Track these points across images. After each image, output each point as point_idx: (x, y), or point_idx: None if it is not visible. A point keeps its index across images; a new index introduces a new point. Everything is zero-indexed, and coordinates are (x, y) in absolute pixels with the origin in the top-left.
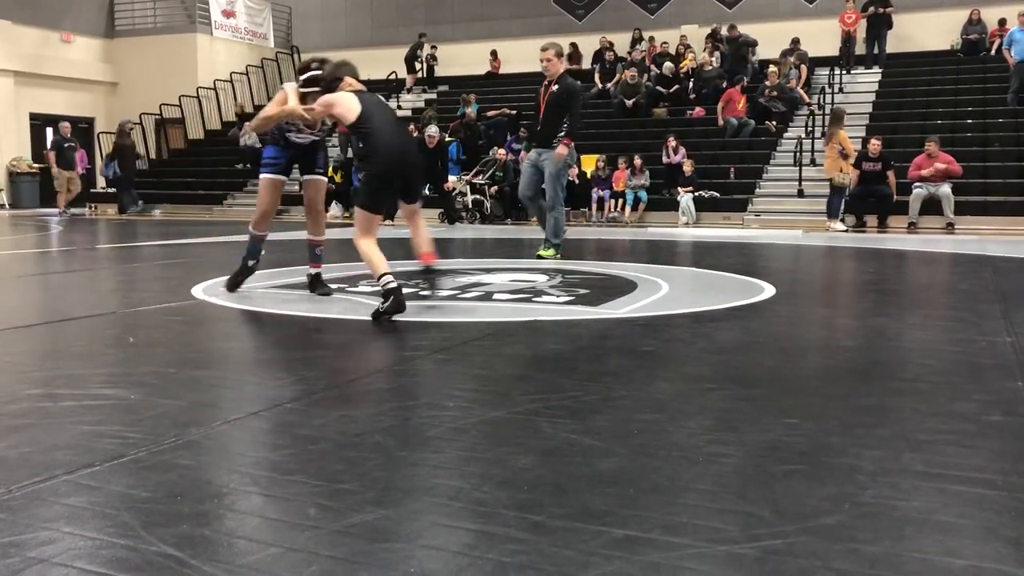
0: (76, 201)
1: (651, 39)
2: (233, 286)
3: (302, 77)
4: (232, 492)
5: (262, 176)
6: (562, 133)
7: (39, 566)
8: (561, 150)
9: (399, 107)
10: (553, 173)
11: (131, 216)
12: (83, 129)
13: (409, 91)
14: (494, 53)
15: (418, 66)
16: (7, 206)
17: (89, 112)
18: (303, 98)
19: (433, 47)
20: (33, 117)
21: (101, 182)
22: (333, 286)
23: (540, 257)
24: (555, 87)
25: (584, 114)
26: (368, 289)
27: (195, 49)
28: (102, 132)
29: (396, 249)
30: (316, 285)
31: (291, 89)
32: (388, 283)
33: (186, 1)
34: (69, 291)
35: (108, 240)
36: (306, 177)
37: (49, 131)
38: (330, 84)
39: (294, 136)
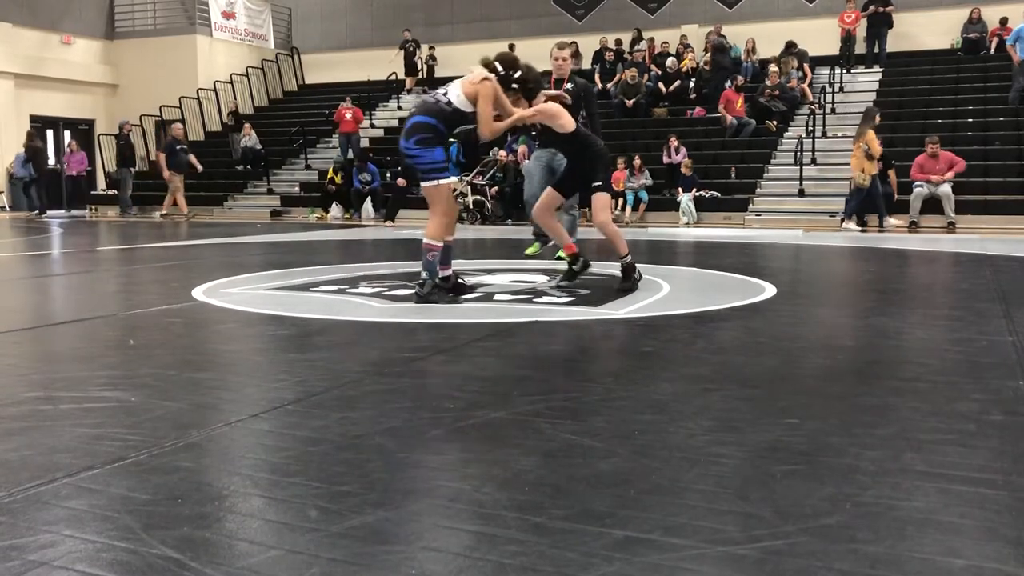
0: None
1: (651, 39)
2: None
3: (515, 75)
4: (233, 494)
5: (442, 182)
6: None
7: (40, 569)
8: None
9: (399, 107)
10: None
11: (29, 217)
12: (83, 131)
13: (409, 92)
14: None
15: (419, 66)
16: (7, 208)
17: (89, 114)
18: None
19: (431, 48)
20: (33, 119)
21: (102, 184)
22: (333, 288)
23: (529, 256)
24: (568, 86)
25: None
26: (368, 290)
27: (195, 51)
28: (102, 134)
29: (399, 249)
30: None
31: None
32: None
33: (186, 3)
34: (69, 293)
35: (109, 242)
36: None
37: (50, 133)
38: (533, 91)
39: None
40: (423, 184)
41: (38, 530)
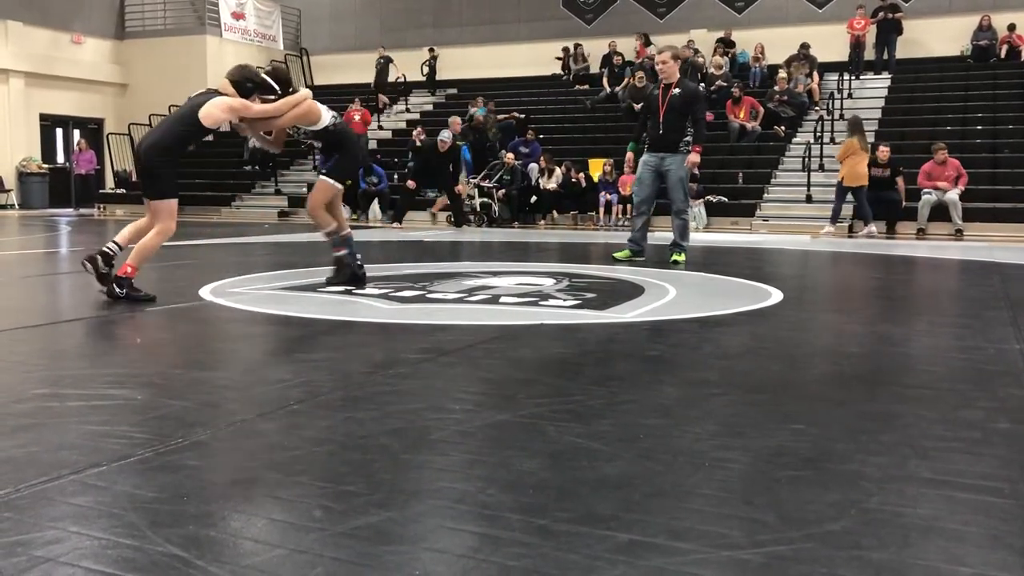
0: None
1: (649, 44)
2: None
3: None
4: (238, 493)
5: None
6: (688, 139)
7: (46, 565)
8: (694, 158)
9: (407, 110)
10: (682, 178)
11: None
12: (93, 130)
13: (383, 110)
14: (644, 37)
15: (426, 69)
16: (16, 206)
17: (99, 113)
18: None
19: (431, 50)
20: (43, 118)
21: (111, 182)
22: (340, 288)
23: (675, 263)
24: (676, 90)
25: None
26: (375, 291)
27: (204, 51)
28: (111, 133)
29: (405, 251)
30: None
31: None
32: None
33: (196, 3)
34: (76, 291)
35: None
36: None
37: (59, 132)
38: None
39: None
40: None
41: (44, 526)
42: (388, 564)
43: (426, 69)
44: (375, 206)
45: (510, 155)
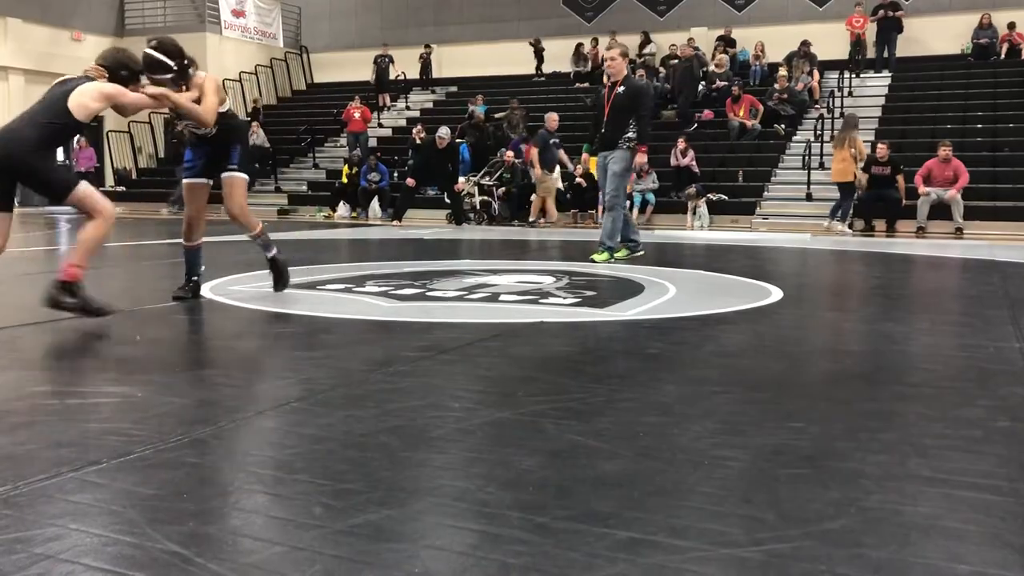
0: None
1: (649, 42)
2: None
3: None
4: (237, 490)
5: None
6: (630, 134)
7: (45, 562)
8: (640, 158)
9: (408, 107)
10: (618, 172)
11: None
12: (92, 128)
13: (385, 109)
14: (645, 35)
15: (422, 66)
16: (16, 204)
17: None
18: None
19: (427, 47)
20: None
21: (111, 180)
22: (340, 286)
23: (593, 261)
24: (621, 88)
25: (650, 115)
26: (375, 289)
27: (204, 48)
28: (111, 131)
29: (405, 249)
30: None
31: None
32: None
33: (196, 0)
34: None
35: (116, 239)
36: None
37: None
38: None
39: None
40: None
41: (44, 524)
42: (387, 561)
43: (420, 65)
44: (375, 204)
45: (510, 153)
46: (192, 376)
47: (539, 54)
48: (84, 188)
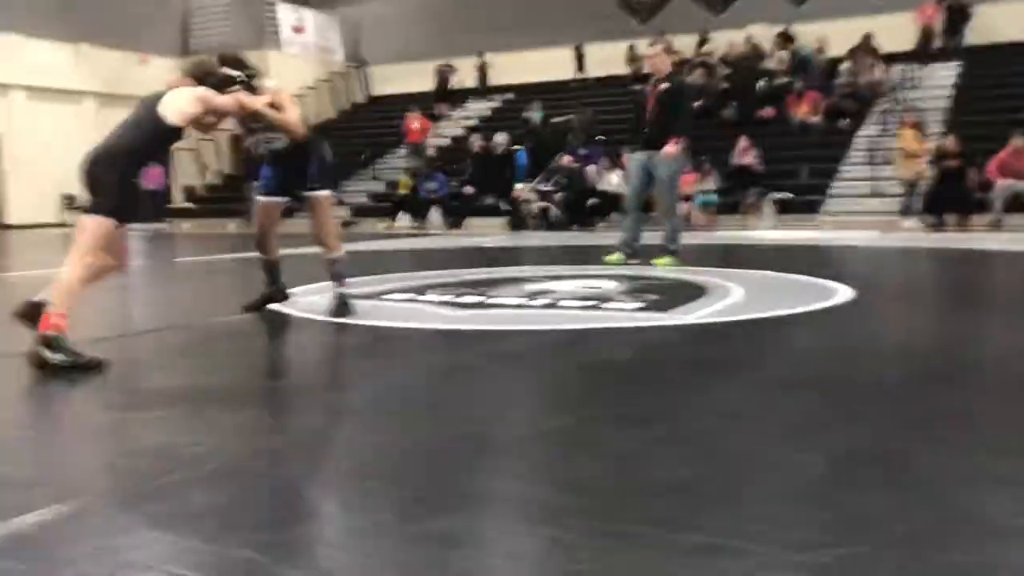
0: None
1: (707, 41)
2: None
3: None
4: (310, 498)
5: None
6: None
7: (128, 569)
8: (670, 148)
9: (466, 116)
10: (668, 177)
11: None
12: None
13: (442, 118)
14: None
15: (476, 75)
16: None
17: None
18: None
19: (480, 54)
20: None
21: (179, 197)
22: (402, 296)
23: (655, 265)
24: (664, 85)
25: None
26: (437, 297)
27: (266, 65)
28: (178, 149)
29: (465, 257)
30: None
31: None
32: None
33: (257, 19)
34: (147, 303)
35: (185, 253)
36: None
37: None
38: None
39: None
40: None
41: (126, 532)
42: (457, 568)
43: (477, 74)
44: (434, 212)
45: (568, 157)
46: (261, 387)
47: (580, 59)
48: (106, 224)
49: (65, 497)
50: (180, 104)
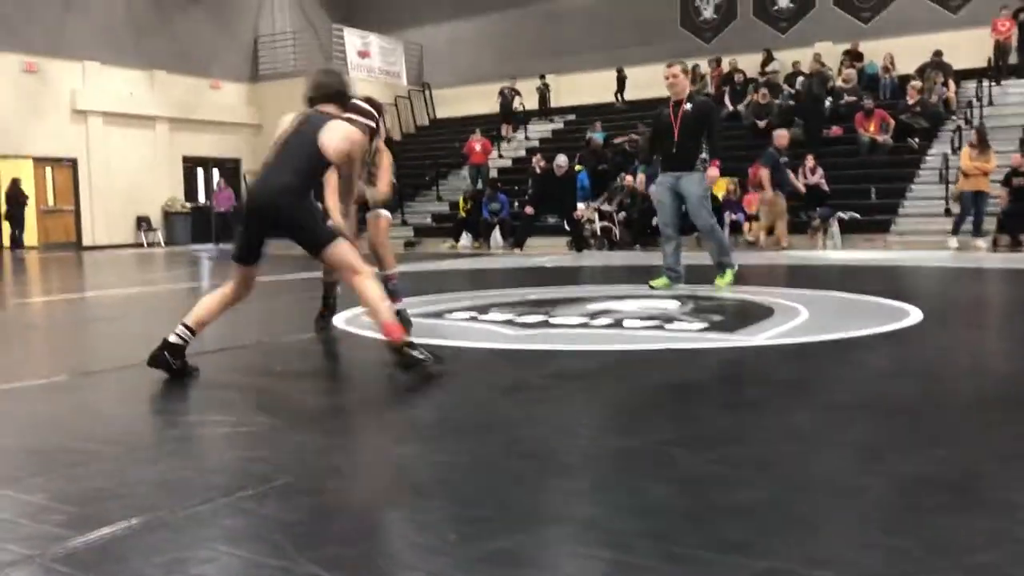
0: None
1: (772, 60)
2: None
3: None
4: (375, 516)
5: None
6: (703, 155)
7: None
8: (713, 172)
9: (526, 138)
10: (700, 196)
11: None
12: (230, 170)
13: (507, 140)
14: (767, 53)
15: (537, 96)
16: (163, 243)
17: (235, 153)
18: None
19: (542, 76)
20: (185, 160)
21: None
22: (465, 315)
23: (719, 286)
24: (688, 106)
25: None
26: (499, 317)
27: None
28: (248, 172)
29: (527, 277)
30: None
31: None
32: None
33: (324, 44)
34: (218, 322)
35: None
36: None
37: (200, 172)
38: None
39: None
40: None
41: (198, 546)
42: None
43: (538, 95)
44: (496, 233)
45: (629, 177)
46: (329, 405)
47: (621, 81)
48: (343, 245)
49: (139, 511)
50: (336, 141)
